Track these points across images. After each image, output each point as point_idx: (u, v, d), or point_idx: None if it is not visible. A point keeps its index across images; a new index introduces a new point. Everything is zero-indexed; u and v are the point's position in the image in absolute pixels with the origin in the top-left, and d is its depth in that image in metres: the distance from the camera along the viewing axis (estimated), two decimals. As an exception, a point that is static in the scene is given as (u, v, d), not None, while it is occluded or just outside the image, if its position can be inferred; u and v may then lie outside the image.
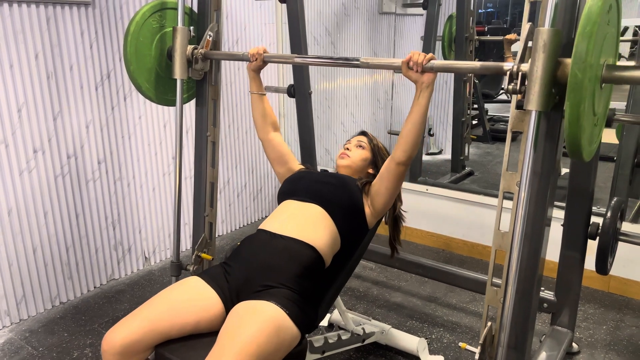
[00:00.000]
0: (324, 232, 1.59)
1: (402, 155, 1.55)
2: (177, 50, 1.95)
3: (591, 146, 1.23)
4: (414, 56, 1.42)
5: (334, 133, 4.05)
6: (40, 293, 2.48)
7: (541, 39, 1.14)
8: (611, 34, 1.17)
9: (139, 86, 1.98)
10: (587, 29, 1.03)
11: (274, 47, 3.51)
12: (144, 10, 1.93)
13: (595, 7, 1.03)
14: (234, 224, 3.54)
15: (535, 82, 1.16)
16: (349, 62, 1.66)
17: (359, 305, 2.56)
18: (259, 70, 1.87)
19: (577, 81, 1.04)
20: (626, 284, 2.65)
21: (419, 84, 1.45)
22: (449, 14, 4.05)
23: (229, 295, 1.49)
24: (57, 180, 2.46)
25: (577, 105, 1.06)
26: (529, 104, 1.18)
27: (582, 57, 1.03)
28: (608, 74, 1.15)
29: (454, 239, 3.21)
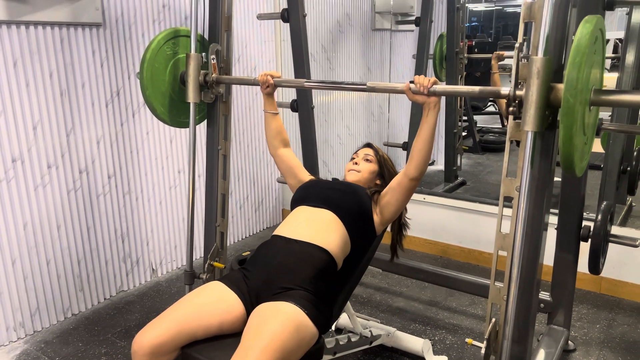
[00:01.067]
0: (335, 236, 1.69)
1: (414, 171, 1.67)
2: (190, 75, 2.06)
3: (582, 162, 1.36)
4: (419, 80, 1.55)
5: (331, 145, 4.17)
6: (53, 305, 2.55)
7: (535, 67, 1.27)
8: (597, 61, 1.31)
9: (154, 109, 2.09)
10: (576, 60, 1.16)
11: (273, 64, 3.63)
12: (158, 38, 2.04)
13: (583, 40, 1.16)
14: (237, 235, 3.63)
15: (531, 106, 1.28)
16: (356, 87, 1.77)
17: (364, 310, 2.65)
18: (272, 93, 1.98)
19: (569, 106, 1.17)
20: (616, 285, 2.78)
21: (426, 104, 1.57)
22: (440, 33, 4.21)
23: (249, 298, 1.58)
24: (69, 194, 2.54)
25: (570, 127, 1.19)
26: (525, 125, 1.30)
27: (573, 84, 1.16)
28: (596, 98, 1.29)
29: (451, 246, 3.32)
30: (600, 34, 1.28)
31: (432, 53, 4.13)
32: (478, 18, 7.91)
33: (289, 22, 2.46)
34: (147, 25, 2.78)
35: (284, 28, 3.54)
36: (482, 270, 3.10)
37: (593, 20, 1.20)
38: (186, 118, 2.17)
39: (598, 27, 1.24)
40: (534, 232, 1.48)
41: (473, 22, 7.75)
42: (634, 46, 3.07)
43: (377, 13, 4.38)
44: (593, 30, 1.18)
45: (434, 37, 4.19)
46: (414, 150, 1.66)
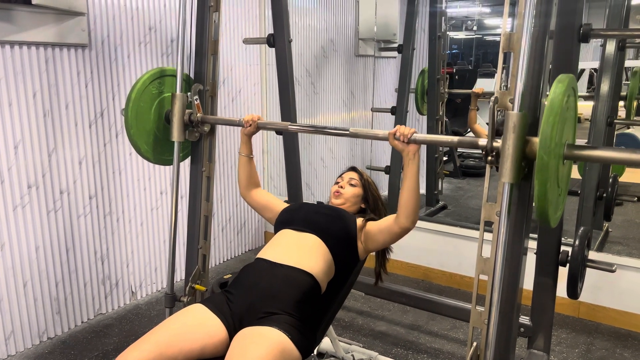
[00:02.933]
0: (320, 260, 1.70)
1: (406, 221, 1.65)
2: (176, 115, 2.06)
3: (557, 214, 1.41)
4: (400, 129, 1.58)
5: (314, 168, 4.20)
6: (28, 328, 2.49)
7: (511, 122, 1.32)
8: (570, 117, 1.36)
9: (138, 148, 2.08)
10: (550, 119, 1.20)
11: (258, 87, 3.67)
12: (144, 78, 2.04)
13: (556, 101, 1.22)
14: (219, 257, 3.60)
15: (507, 159, 1.33)
16: (339, 132, 1.81)
17: (345, 334, 2.64)
18: (252, 135, 1.99)
19: (543, 163, 1.22)
20: (594, 309, 2.82)
21: (405, 153, 1.60)
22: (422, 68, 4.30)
23: (232, 322, 1.57)
24: (49, 215, 2.50)
25: (544, 184, 1.23)
26: (502, 177, 1.35)
27: (547, 142, 1.21)
28: (569, 152, 1.33)
29: (433, 270, 3.34)
30: (572, 91, 1.34)
31: (414, 87, 4.22)
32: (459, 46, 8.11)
33: (274, 47, 2.50)
34: (133, 47, 2.79)
35: (269, 52, 3.58)
36: (463, 294, 3.12)
37: (565, 81, 1.25)
38: (170, 156, 2.16)
39: (570, 86, 1.30)
40: (514, 257, 1.51)
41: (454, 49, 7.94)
42: (608, 76, 3.18)
43: (360, 40, 4.47)
44: (565, 89, 1.24)
45: (415, 66, 4.29)
46: (401, 202, 1.65)
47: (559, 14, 1.79)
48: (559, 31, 1.81)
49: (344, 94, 4.42)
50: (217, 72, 2.20)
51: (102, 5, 2.61)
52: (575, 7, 1.81)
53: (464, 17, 7.39)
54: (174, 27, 2.97)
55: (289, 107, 2.54)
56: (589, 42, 1.83)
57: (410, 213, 1.65)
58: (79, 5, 2.45)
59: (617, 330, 2.73)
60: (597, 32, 1.85)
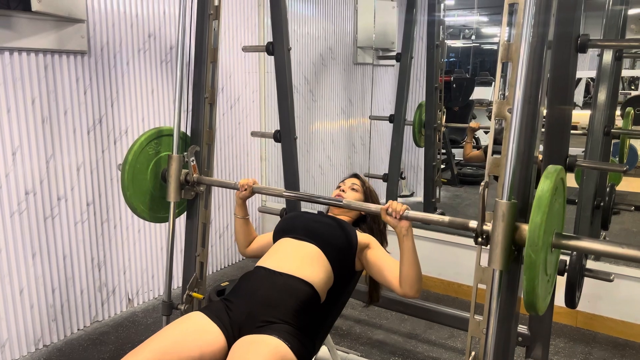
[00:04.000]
0: (319, 270, 1.69)
1: (410, 292, 1.63)
2: (172, 176, 2.06)
3: (546, 301, 1.41)
4: (392, 205, 1.58)
5: (312, 176, 4.20)
6: (24, 335, 2.47)
7: (500, 210, 1.32)
8: (559, 205, 1.37)
9: (135, 209, 2.08)
10: (537, 219, 1.21)
11: (257, 94, 3.67)
12: (141, 140, 2.04)
13: (544, 198, 1.22)
14: (216, 265, 3.59)
15: (496, 246, 1.33)
16: (333, 202, 1.83)
17: (343, 343, 2.63)
18: (247, 199, 1.99)
19: (531, 261, 1.22)
20: (592, 318, 2.82)
21: (397, 229, 1.59)
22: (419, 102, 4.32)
23: (231, 330, 1.56)
24: (46, 221, 2.50)
25: (533, 280, 1.24)
26: (492, 263, 1.36)
27: (535, 241, 1.21)
28: (557, 241, 1.33)
29: (430, 278, 3.34)
30: (560, 182, 1.34)
31: (411, 120, 4.24)
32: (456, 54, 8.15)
33: (273, 55, 2.51)
34: (133, 54, 2.80)
35: (268, 60, 3.59)
36: (461, 302, 3.11)
37: (553, 176, 1.26)
38: (165, 213, 2.15)
39: (559, 178, 1.30)
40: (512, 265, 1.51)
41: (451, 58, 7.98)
42: (605, 85, 3.19)
43: (359, 48, 4.48)
44: (553, 185, 1.24)
45: (413, 75, 4.31)
46: (402, 275, 1.63)
47: (556, 24, 1.79)
48: (557, 41, 1.82)
49: (343, 102, 4.43)
50: (216, 79, 2.21)
51: (102, 12, 2.62)
52: (573, 18, 1.82)
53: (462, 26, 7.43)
54: (174, 35, 2.98)
55: (288, 115, 2.54)
56: (586, 52, 1.85)
57: (413, 284, 1.63)
58: (79, 12, 2.46)
59: (615, 339, 2.73)
60: (594, 42, 1.86)
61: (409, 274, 1.62)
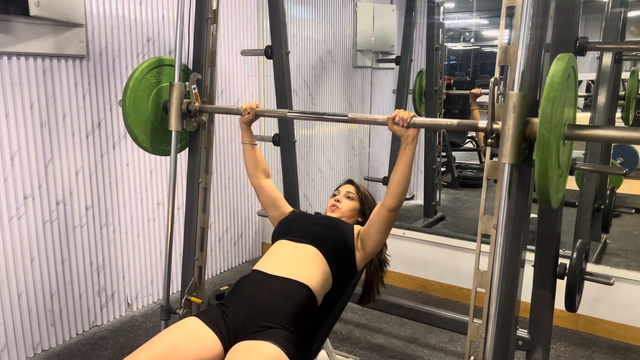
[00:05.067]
0: (317, 272, 1.69)
1: (393, 202, 1.67)
2: (173, 104, 2.06)
3: (558, 194, 1.40)
4: (399, 113, 1.58)
5: (312, 179, 4.19)
6: (22, 340, 2.46)
7: (511, 101, 1.31)
8: (570, 97, 1.36)
9: (136, 137, 2.08)
10: (550, 95, 1.20)
11: (256, 97, 3.67)
12: (142, 67, 2.05)
13: (556, 77, 1.22)
14: (215, 269, 3.58)
15: (507, 139, 1.32)
16: (338, 118, 1.80)
17: (342, 347, 2.62)
18: (251, 123, 2.00)
19: (544, 139, 1.21)
20: (593, 322, 2.80)
21: (404, 137, 1.60)
22: (419, 69, 4.33)
23: (227, 336, 1.55)
24: (45, 226, 2.49)
25: (545, 160, 1.23)
26: (502, 158, 1.34)
27: (547, 119, 1.20)
28: (570, 132, 1.33)
29: (430, 282, 3.33)
30: (572, 72, 1.34)
31: (411, 89, 4.24)
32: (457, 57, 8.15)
33: (272, 59, 2.50)
34: (131, 58, 2.79)
35: (267, 63, 3.59)
36: (461, 306, 3.10)
37: (565, 58, 1.25)
38: (167, 146, 2.15)
39: (570, 65, 1.29)
40: (511, 270, 1.50)
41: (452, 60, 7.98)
42: (605, 87, 3.19)
43: (358, 51, 4.48)
44: (565, 67, 1.24)
45: (413, 77, 4.31)
46: (391, 183, 1.67)
47: (555, 26, 1.79)
48: (555, 44, 1.81)
49: (342, 105, 4.43)
50: (214, 83, 2.20)
51: (101, 17, 2.62)
52: (572, 20, 1.81)
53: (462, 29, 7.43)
54: (172, 39, 2.98)
55: (286, 119, 2.54)
56: (585, 55, 1.84)
57: (398, 194, 1.65)
58: (77, 17, 2.46)
59: (616, 343, 2.71)
60: (593, 45, 1.85)
61: (399, 182, 1.64)
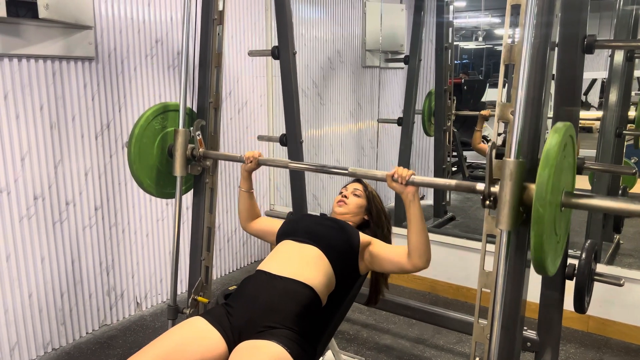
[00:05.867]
0: (320, 273, 1.68)
1: (420, 261, 1.62)
2: (178, 150, 2.06)
3: (555, 262, 1.37)
4: (398, 171, 1.57)
5: (321, 179, 4.19)
6: (33, 339, 2.49)
7: (508, 169, 1.29)
8: (568, 164, 1.33)
9: (141, 183, 2.08)
10: (545, 171, 1.18)
11: (264, 98, 3.68)
12: (147, 115, 2.05)
13: (552, 151, 1.19)
14: (224, 268, 3.60)
15: (504, 206, 1.30)
16: (339, 171, 1.77)
17: (350, 348, 2.62)
18: (252, 171, 1.99)
19: (539, 215, 1.19)
20: (604, 323, 2.77)
21: (404, 195, 1.58)
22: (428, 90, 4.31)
23: (232, 336, 1.56)
24: (55, 226, 2.52)
25: (541, 235, 1.21)
26: (499, 224, 1.32)
27: (542, 194, 1.18)
28: (567, 200, 1.30)
29: (439, 282, 3.31)
30: (570, 140, 1.31)
31: (420, 109, 4.23)
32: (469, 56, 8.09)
33: (279, 59, 2.51)
34: (140, 59, 2.82)
35: (275, 64, 3.59)
36: (470, 307, 3.08)
37: (562, 130, 1.23)
38: (172, 189, 2.16)
39: (568, 134, 1.27)
40: (517, 270, 1.48)
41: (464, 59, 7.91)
42: (617, 86, 3.14)
43: (367, 51, 4.47)
44: (561, 140, 1.21)
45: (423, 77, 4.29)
46: (411, 245, 1.62)
47: (562, 24, 1.77)
48: (563, 42, 1.79)
49: (351, 105, 4.42)
50: (220, 84, 2.21)
51: (109, 19, 2.64)
52: (579, 18, 1.79)
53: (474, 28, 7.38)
54: (181, 40, 2.99)
55: (294, 119, 2.54)
56: (593, 53, 1.81)
57: (423, 253, 1.62)
58: (86, 19, 2.48)
59: (628, 345, 2.67)
60: (601, 43, 1.83)
61: (418, 241, 1.60)
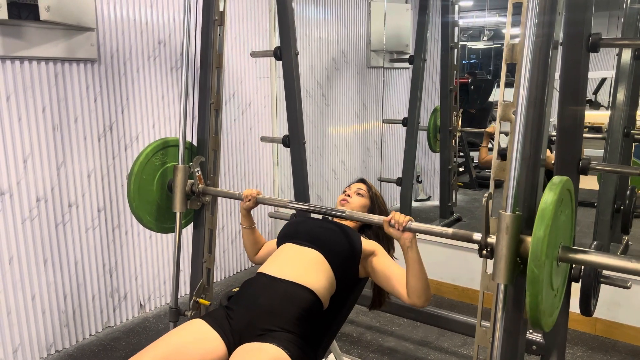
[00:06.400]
0: (321, 276, 1.66)
1: (419, 301, 1.59)
2: (178, 186, 2.06)
3: (552, 317, 1.34)
4: (395, 216, 1.54)
5: (326, 180, 4.17)
6: (36, 341, 2.49)
7: (504, 222, 1.26)
8: (565, 217, 1.30)
9: (141, 219, 2.08)
10: (539, 232, 1.15)
11: (268, 99, 3.67)
12: (147, 151, 2.05)
13: (547, 211, 1.16)
14: (229, 270, 3.59)
15: (500, 259, 1.27)
16: (336, 213, 1.77)
17: (353, 350, 2.60)
18: (251, 209, 1.97)
19: (534, 276, 1.16)
20: (612, 326, 2.73)
21: (401, 241, 1.55)
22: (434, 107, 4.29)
23: (232, 339, 1.54)
24: (57, 228, 2.52)
25: (536, 296, 1.18)
26: (496, 277, 1.29)
27: (538, 255, 1.15)
28: (564, 255, 1.28)
29: (444, 284, 3.28)
30: (567, 194, 1.28)
31: (425, 125, 4.21)
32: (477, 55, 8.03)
33: (281, 60, 2.49)
34: (143, 61, 2.82)
35: (279, 65, 3.58)
36: (475, 309, 3.04)
37: (558, 187, 1.20)
38: (172, 223, 2.15)
39: (565, 189, 1.24)
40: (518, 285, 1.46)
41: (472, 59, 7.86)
42: (624, 85, 3.10)
43: (372, 51, 4.45)
44: (557, 197, 1.18)
45: (428, 77, 4.27)
46: (410, 287, 1.59)
47: (566, 23, 1.75)
48: (567, 41, 1.77)
49: (356, 105, 4.40)
50: (221, 85, 2.20)
51: (112, 20, 2.64)
52: (584, 17, 1.76)
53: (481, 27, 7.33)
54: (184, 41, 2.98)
55: (296, 120, 2.53)
56: (598, 51, 1.78)
57: (421, 295, 1.59)
58: (88, 21, 2.48)
59: (636, 348, 2.63)
60: (606, 41, 1.80)
61: (416, 285, 1.58)
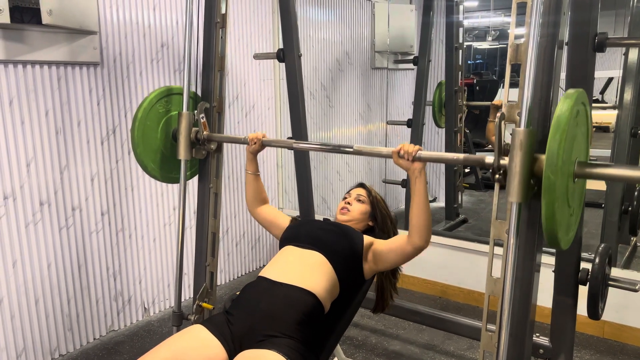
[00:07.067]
0: (323, 279, 1.65)
1: (419, 240, 1.59)
2: (182, 133, 2.06)
3: (569, 235, 1.31)
4: (404, 147, 1.53)
5: (330, 182, 4.15)
6: (40, 345, 2.49)
7: (518, 139, 1.24)
8: (581, 133, 1.28)
9: (145, 166, 2.08)
10: (556, 136, 1.13)
11: (272, 101, 3.66)
12: (151, 97, 2.05)
13: (563, 117, 1.14)
14: (233, 273, 3.58)
15: (514, 177, 1.25)
16: (343, 150, 1.74)
17: (358, 354, 2.57)
18: (257, 153, 1.97)
19: (550, 183, 1.14)
20: (620, 329, 2.69)
21: (410, 171, 1.54)
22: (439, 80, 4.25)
23: (232, 344, 1.53)
24: (61, 232, 2.52)
25: (552, 204, 1.16)
26: (510, 196, 1.27)
27: (553, 161, 1.13)
28: (580, 170, 1.25)
29: (450, 286, 3.25)
30: (582, 107, 1.26)
31: (430, 100, 4.18)
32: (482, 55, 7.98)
33: (284, 62, 2.48)
34: (146, 64, 2.81)
35: (282, 67, 3.57)
36: (481, 312, 3.00)
37: (574, 96, 1.18)
38: (177, 174, 2.14)
39: (580, 101, 1.22)
40: (525, 276, 1.43)
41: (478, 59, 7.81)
42: (631, 84, 3.07)
43: (376, 52, 4.43)
44: (573, 105, 1.16)
45: (433, 77, 4.24)
46: (412, 221, 1.58)
47: (572, 23, 1.73)
48: (573, 41, 1.74)
49: (360, 107, 4.38)
50: (224, 88, 2.20)
51: (114, 24, 2.64)
52: (590, 17, 1.74)
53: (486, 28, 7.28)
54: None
55: (300, 121, 2.52)
56: (604, 51, 1.76)
57: (423, 232, 1.58)
58: (91, 24, 2.48)
59: (645, 351, 2.60)
60: (613, 41, 1.77)
61: (419, 218, 1.57)
